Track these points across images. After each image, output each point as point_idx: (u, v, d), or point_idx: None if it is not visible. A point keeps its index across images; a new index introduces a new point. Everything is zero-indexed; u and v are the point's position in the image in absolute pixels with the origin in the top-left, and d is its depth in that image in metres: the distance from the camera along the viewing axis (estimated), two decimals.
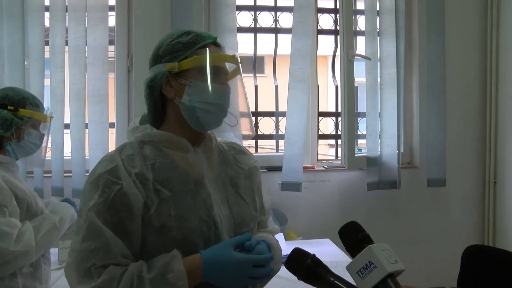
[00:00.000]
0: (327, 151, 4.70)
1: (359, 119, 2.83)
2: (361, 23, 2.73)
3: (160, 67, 1.09)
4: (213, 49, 1.10)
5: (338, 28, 2.82)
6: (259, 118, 2.84)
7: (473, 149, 2.88)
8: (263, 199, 1.27)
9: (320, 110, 2.84)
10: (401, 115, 2.67)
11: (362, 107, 2.80)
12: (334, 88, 2.86)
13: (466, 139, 2.87)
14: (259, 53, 2.81)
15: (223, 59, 1.13)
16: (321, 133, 2.91)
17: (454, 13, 2.80)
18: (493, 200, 2.84)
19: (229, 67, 1.17)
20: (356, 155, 2.67)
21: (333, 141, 3.04)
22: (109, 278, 0.95)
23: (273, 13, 2.83)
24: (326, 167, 2.78)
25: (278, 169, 2.57)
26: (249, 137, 2.46)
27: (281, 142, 2.69)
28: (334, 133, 2.95)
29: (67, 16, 2.45)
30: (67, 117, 2.49)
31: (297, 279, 0.89)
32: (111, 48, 2.57)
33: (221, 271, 0.98)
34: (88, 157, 2.47)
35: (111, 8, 2.54)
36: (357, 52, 2.65)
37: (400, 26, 2.66)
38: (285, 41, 2.69)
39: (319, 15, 2.85)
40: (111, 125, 2.56)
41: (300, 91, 2.55)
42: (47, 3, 2.46)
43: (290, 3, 2.63)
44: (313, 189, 2.68)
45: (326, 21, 2.90)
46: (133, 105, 2.57)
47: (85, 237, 0.98)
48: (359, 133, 2.84)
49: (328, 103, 6.48)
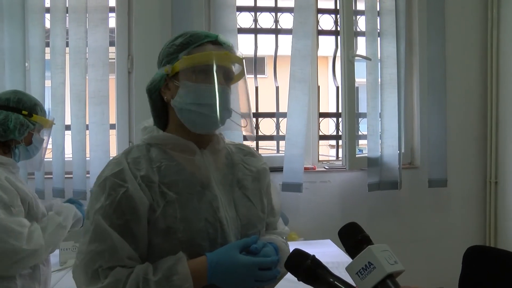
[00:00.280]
0: (328, 151, 4.71)
1: (360, 119, 2.83)
2: (361, 23, 2.73)
3: (159, 71, 1.10)
4: (209, 47, 1.09)
5: (338, 28, 2.82)
6: (259, 119, 2.84)
7: (474, 149, 2.88)
8: (273, 200, 1.26)
9: (320, 110, 2.84)
10: (401, 116, 2.67)
11: (362, 108, 2.80)
12: (334, 88, 2.86)
13: (467, 139, 2.87)
14: (259, 54, 2.81)
15: (214, 57, 1.07)
16: (322, 134, 2.91)
17: (454, 13, 2.79)
18: (494, 200, 2.83)
19: (239, 68, 1.15)
20: (357, 156, 2.67)
21: (334, 142, 3.03)
22: (115, 280, 0.96)
23: (273, 14, 2.83)
24: (327, 167, 2.78)
25: (278, 170, 2.56)
26: (251, 138, 2.47)
27: (282, 142, 2.69)
28: (335, 133, 2.95)
29: (67, 17, 2.46)
30: (67, 118, 2.49)
31: (297, 280, 0.89)
32: (112, 49, 2.57)
33: (226, 273, 0.98)
34: (89, 158, 2.47)
35: (111, 9, 2.54)
36: (358, 52, 2.65)
37: (400, 26, 2.66)
38: (286, 41, 2.69)
39: (319, 15, 2.85)
40: (112, 127, 2.55)
41: (300, 91, 2.55)
42: (47, 5, 2.46)
43: (290, 4, 2.63)
44: (314, 190, 2.68)
45: (326, 22, 2.90)
46: (134, 106, 2.57)
47: (92, 240, 0.99)
48: (360, 133, 2.84)
49: (328, 103, 6.50)
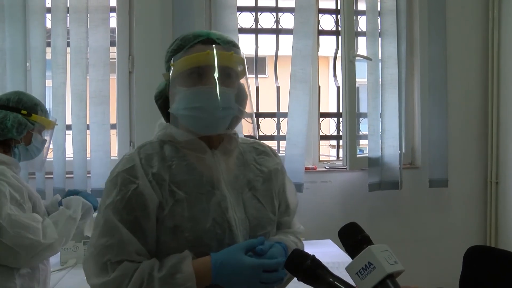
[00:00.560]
0: (328, 151, 4.71)
1: (361, 119, 2.83)
2: (362, 23, 2.73)
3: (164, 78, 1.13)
4: (197, 48, 1.06)
5: (339, 28, 2.82)
6: (260, 119, 2.84)
7: (475, 149, 2.87)
8: (289, 199, 1.25)
9: (321, 110, 2.84)
10: (402, 116, 2.67)
11: (363, 108, 2.80)
12: (335, 88, 2.86)
13: (468, 139, 2.86)
14: (260, 54, 2.81)
15: (196, 59, 1.04)
16: (323, 134, 2.91)
17: (455, 13, 2.79)
18: (495, 200, 2.83)
19: (236, 63, 1.10)
20: (357, 156, 2.67)
21: (334, 142, 3.03)
22: (122, 274, 0.97)
23: (274, 14, 2.83)
24: (327, 167, 2.78)
25: None
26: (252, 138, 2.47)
27: (283, 143, 2.69)
28: (335, 133, 2.95)
29: (68, 17, 2.46)
30: (68, 118, 2.49)
31: (296, 280, 0.89)
32: (113, 49, 2.57)
33: (230, 274, 0.98)
34: (89, 158, 2.47)
35: (112, 9, 2.54)
36: (359, 52, 2.65)
37: (401, 26, 2.66)
38: (286, 42, 2.69)
39: (320, 15, 2.84)
40: (113, 126, 2.56)
41: (301, 91, 2.55)
42: (48, 5, 2.47)
43: (291, 4, 2.62)
44: (314, 190, 2.67)
45: (327, 22, 2.90)
46: (135, 106, 2.57)
47: (101, 233, 1.02)
48: (360, 133, 2.84)
49: (329, 103, 6.49)
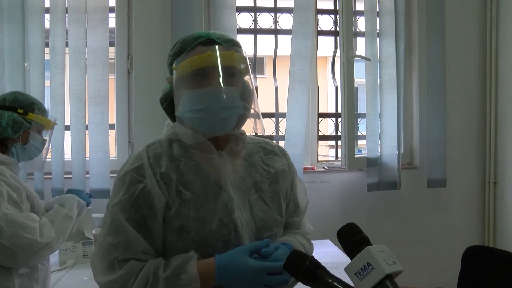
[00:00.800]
0: (327, 152, 4.69)
1: (359, 120, 2.83)
2: (361, 24, 2.74)
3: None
4: (198, 50, 1.06)
5: (338, 29, 2.82)
6: None
7: (473, 149, 2.88)
8: (299, 199, 1.25)
9: (320, 111, 2.84)
10: (401, 116, 2.67)
11: (362, 108, 2.81)
12: (334, 89, 2.86)
13: (466, 139, 2.87)
14: (259, 54, 2.81)
15: (197, 62, 1.04)
16: (321, 134, 2.92)
17: (453, 14, 2.80)
18: (493, 200, 2.83)
19: (238, 61, 1.12)
20: (356, 156, 2.67)
21: (333, 142, 3.03)
22: (128, 272, 0.98)
23: (273, 14, 2.83)
24: (326, 168, 2.78)
25: None
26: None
27: (281, 143, 2.68)
28: (334, 134, 2.95)
29: (67, 17, 2.45)
30: (67, 118, 2.49)
31: (296, 280, 0.89)
32: (111, 49, 2.57)
33: (234, 276, 0.98)
34: (88, 158, 2.47)
35: (111, 9, 2.54)
36: (357, 53, 2.65)
37: (400, 27, 2.66)
38: (285, 42, 2.69)
39: (319, 16, 2.84)
40: (112, 127, 2.56)
41: (300, 92, 2.55)
42: (47, 5, 2.46)
43: (290, 4, 2.63)
44: (313, 190, 2.67)
45: (326, 22, 2.90)
46: (133, 107, 2.57)
47: (108, 232, 1.03)
48: (359, 134, 2.84)
49: (328, 104, 6.49)
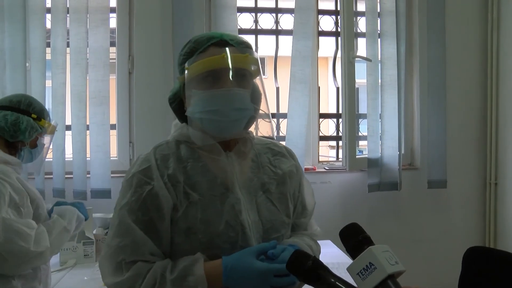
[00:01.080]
0: (328, 152, 4.70)
1: (360, 120, 2.83)
2: (361, 24, 2.74)
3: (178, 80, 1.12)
4: (211, 51, 1.06)
5: (339, 29, 2.83)
6: (260, 119, 2.84)
7: (474, 150, 2.88)
8: (306, 201, 1.25)
9: (321, 111, 2.84)
10: (402, 117, 2.67)
11: (363, 109, 2.81)
12: (335, 89, 2.86)
13: (467, 140, 2.87)
14: (260, 54, 2.75)
15: (211, 63, 1.04)
16: (322, 135, 2.92)
17: (454, 15, 2.80)
18: (494, 201, 2.83)
19: (250, 64, 1.14)
20: (357, 157, 2.67)
21: (334, 143, 3.03)
22: (135, 273, 0.99)
23: (274, 14, 2.83)
24: (327, 168, 2.78)
25: None
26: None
27: (282, 143, 2.68)
28: (335, 134, 2.95)
29: (68, 18, 2.46)
30: (68, 118, 2.49)
31: (298, 280, 0.89)
32: (112, 49, 2.57)
33: (241, 278, 0.97)
34: (89, 158, 2.47)
35: (112, 10, 2.54)
36: (358, 53, 2.65)
37: (400, 27, 2.66)
38: (286, 42, 2.69)
39: (320, 16, 2.85)
40: (112, 127, 2.56)
41: (301, 92, 2.55)
42: (48, 5, 2.47)
43: (291, 5, 2.63)
44: (314, 191, 2.66)
45: (327, 23, 2.91)
46: (134, 107, 2.57)
47: (116, 234, 1.03)
48: (360, 134, 2.85)
49: (329, 104, 6.50)
